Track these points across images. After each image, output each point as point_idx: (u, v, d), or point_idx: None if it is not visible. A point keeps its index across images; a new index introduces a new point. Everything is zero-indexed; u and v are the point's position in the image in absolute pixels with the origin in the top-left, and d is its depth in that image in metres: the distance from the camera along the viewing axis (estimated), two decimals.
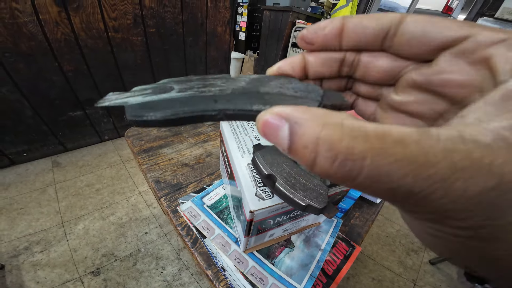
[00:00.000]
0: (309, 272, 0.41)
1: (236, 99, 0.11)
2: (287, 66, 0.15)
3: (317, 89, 0.13)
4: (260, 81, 0.13)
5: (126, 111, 0.10)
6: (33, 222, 1.05)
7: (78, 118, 1.38)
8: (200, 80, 0.13)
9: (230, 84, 0.13)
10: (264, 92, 0.12)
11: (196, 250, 0.42)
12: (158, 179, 0.55)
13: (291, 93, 0.13)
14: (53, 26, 1.06)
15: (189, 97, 0.11)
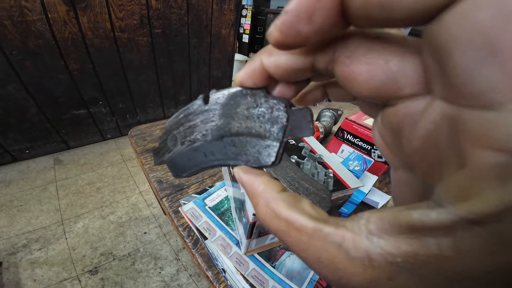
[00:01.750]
0: (310, 276, 0.41)
1: (217, 150, 0.14)
2: (248, 81, 0.12)
3: (281, 116, 0.12)
4: (229, 109, 0.13)
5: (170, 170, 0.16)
6: (32, 219, 1.05)
7: (82, 116, 1.39)
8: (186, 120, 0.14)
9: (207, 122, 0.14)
10: (235, 133, 0.13)
11: (197, 251, 0.42)
12: (160, 179, 0.55)
13: (256, 129, 0.12)
14: (61, 25, 1.08)
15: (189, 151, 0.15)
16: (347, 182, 0.36)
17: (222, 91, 0.13)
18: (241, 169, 0.12)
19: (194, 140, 0.14)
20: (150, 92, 1.60)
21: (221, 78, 2.02)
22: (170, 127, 0.15)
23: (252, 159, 0.13)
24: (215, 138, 0.14)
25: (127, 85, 1.46)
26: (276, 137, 0.12)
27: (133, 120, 1.65)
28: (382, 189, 0.65)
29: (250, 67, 0.12)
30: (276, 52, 0.10)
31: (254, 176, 0.12)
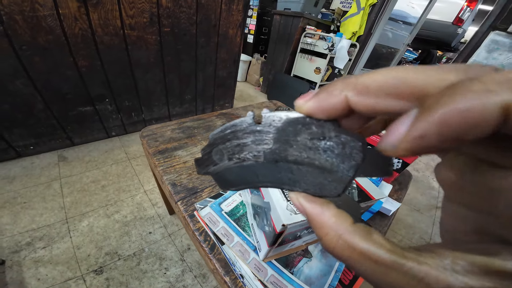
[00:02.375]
0: (328, 282, 0.41)
1: (270, 172, 0.14)
2: (321, 114, 0.11)
3: (355, 155, 0.11)
4: (287, 135, 0.12)
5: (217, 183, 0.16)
6: (36, 217, 1.04)
7: (88, 113, 1.38)
8: (234, 137, 0.14)
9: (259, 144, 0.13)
10: (292, 161, 0.13)
11: (214, 256, 0.42)
12: (175, 182, 0.54)
13: (321, 161, 0.12)
14: (71, 21, 1.07)
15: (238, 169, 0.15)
16: (371, 193, 0.36)
17: (277, 114, 0.13)
18: (302, 196, 0.13)
19: (244, 159, 0.14)
20: (156, 91, 1.59)
21: (226, 78, 2.02)
22: (215, 140, 0.15)
23: (313, 189, 0.13)
24: (268, 161, 0.13)
25: (134, 83, 1.45)
26: (345, 173, 0.11)
27: (138, 118, 1.64)
28: (392, 196, 0.65)
29: (327, 101, 0.11)
30: (375, 91, 0.09)
31: (319, 206, 0.12)
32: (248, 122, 0.14)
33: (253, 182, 0.14)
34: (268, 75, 3.00)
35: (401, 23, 3.11)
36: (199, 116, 0.83)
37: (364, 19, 2.51)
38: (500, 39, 1.95)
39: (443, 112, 0.07)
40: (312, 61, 2.53)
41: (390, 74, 0.09)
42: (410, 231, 1.37)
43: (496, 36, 1.97)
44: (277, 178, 0.13)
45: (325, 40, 2.35)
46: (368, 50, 2.89)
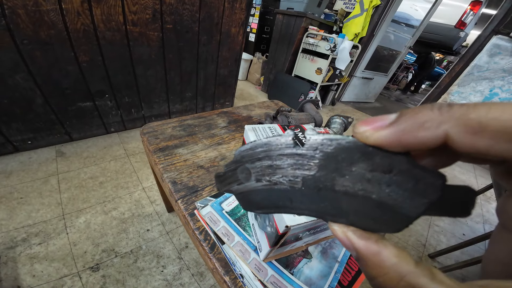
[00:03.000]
0: (328, 283, 0.40)
1: (309, 200, 0.12)
2: (400, 148, 0.09)
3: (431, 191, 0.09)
4: (337, 163, 0.10)
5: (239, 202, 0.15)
6: (33, 212, 1.03)
7: (87, 109, 1.38)
8: (266, 157, 0.12)
9: (298, 168, 0.11)
10: (341, 192, 0.10)
11: (214, 255, 0.41)
12: (175, 180, 0.54)
13: (380, 195, 0.10)
14: (74, 16, 1.06)
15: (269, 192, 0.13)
16: None
17: (326, 136, 0.11)
18: (351, 231, 0.11)
19: (276, 182, 0.12)
20: (157, 87, 1.59)
21: (227, 76, 2.01)
22: (242, 158, 0.14)
23: (365, 223, 0.10)
24: (308, 187, 0.11)
25: (134, 79, 1.44)
26: (412, 210, 0.10)
27: (138, 114, 1.64)
28: None
29: (415, 133, 0.09)
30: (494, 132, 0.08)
31: (375, 244, 0.10)
32: (285, 142, 0.12)
33: (285, 207, 0.13)
34: (269, 74, 2.99)
35: (404, 25, 3.11)
36: (200, 114, 0.83)
37: (367, 21, 2.52)
38: (503, 43, 1.95)
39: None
40: (314, 61, 2.53)
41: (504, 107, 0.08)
42: (406, 234, 1.38)
43: (499, 41, 1.97)
44: (318, 208, 0.12)
45: (327, 40, 2.35)
46: (369, 52, 2.89)
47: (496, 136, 0.07)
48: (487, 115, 0.07)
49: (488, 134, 0.08)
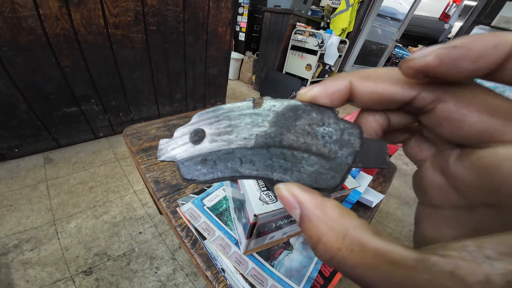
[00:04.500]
0: (308, 274, 0.41)
1: (259, 159, 0.12)
2: (325, 98, 0.12)
3: (353, 141, 0.11)
4: (285, 120, 0.12)
5: (179, 170, 0.13)
6: (23, 219, 1.02)
7: (73, 114, 1.36)
8: (226, 118, 0.13)
9: (254, 125, 0.12)
10: (287, 146, 0.12)
11: (195, 251, 0.42)
12: (157, 179, 0.54)
13: (318, 148, 0.11)
14: (53, 21, 1.05)
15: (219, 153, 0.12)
16: (345, 183, 0.37)
17: (279, 100, 0.12)
18: (297, 186, 0.11)
19: (230, 141, 0.12)
20: (144, 90, 1.57)
21: (217, 76, 2.01)
22: (200, 120, 0.13)
23: (308, 178, 0.11)
24: (259, 145, 0.12)
25: (120, 82, 1.43)
26: (343, 160, 0.11)
27: (127, 118, 1.62)
28: (376, 188, 0.67)
29: (332, 85, 0.11)
30: (374, 78, 0.11)
31: (319, 195, 0.10)
32: (246, 105, 0.13)
33: (233, 171, 0.12)
34: (261, 72, 3.00)
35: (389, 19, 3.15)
36: (186, 114, 0.83)
37: (353, 16, 2.54)
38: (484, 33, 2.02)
39: None
40: (303, 58, 2.54)
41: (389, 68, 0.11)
42: (400, 224, 1.40)
43: (480, 31, 2.02)
44: (266, 166, 0.12)
45: (315, 36, 2.36)
46: (358, 46, 2.92)
47: (376, 80, 0.11)
48: (370, 70, 0.11)
49: (372, 79, 0.11)
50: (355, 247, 0.08)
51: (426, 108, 0.11)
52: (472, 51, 0.08)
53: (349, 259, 0.08)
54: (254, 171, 0.12)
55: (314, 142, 0.11)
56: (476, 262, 0.07)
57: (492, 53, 0.08)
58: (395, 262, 0.08)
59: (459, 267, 0.07)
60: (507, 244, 0.07)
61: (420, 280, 0.07)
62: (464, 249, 0.08)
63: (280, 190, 0.11)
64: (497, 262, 0.07)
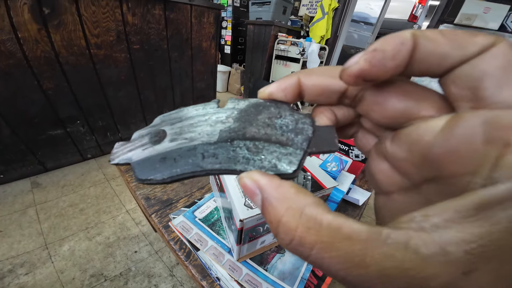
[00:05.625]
0: (300, 275, 0.43)
1: (222, 152, 0.12)
2: (279, 93, 0.13)
3: (306, 129, 0.12)
4: (248, 115, 0.13)
5: (134, 171, 0.12)
6: (15, 244, 1.00)
7: (59, 136, 1.34)
8: (189, 118, 0.13)
9: (217, 123, 0.13)
10: (250, 137, 0.12)
11: (190, 263, 0.43)
12: (148, 196, 0.55)
13: (277, 137, 0.12)
14: (32, 44, 1.05)
15: (180, 150, 0.12)
16: (323, 183, 0.39)
17: (242, 99, 0.14)
18: (258, 172, 0.11)
19: (193, 139, 0.12)
20: (131, 108, 1.57)
21: (205, 89, 2.03)
22: (162, 122, 0.14)
23: (269, 166, 0.12)
24: (223, 139, 0.12)
25: (106, 102, 1.43)
26: (299, 146, 0.12)
27: (115, 137, 1.61)
28: (362, 186, 0.70)
29: (285, 82, 0.13)
30: (316, 74, 0.13)
31: (278, 179, 0.10)
32: (211, 105, 0.14)
33: (195, 166, 0.12)
34: (249, 83, 3.06)
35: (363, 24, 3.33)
36: None
37: (329, 23, 2.67)
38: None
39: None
40: (287, 66, 2.63)
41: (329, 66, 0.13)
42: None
43: (445, 29, 2.17)
44: (229, 158, 0.12)
45: (296, 45, 2.45)
46: (337, 52, 3.04)
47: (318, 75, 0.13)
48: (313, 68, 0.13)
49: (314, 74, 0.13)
50: (311, 224, 0.08)
51: (358, 97, 0.12)
52: (387, 51, 0.09)
53: (307, 238, 0.08)
54: (217, 165, 0.12)
55: (274, 132, 0.12)
56: (426, 231, 0.07)
57: (402, 49, 0.09)
58: (349, 237, 0.08)
59: (412, 238, 0.07)
60: (451, 211, 0.07)
61: (377, 255, 0.07)
62: (413, 220, 0.08)
63: (242, 179, 0.11)
64: (446, 231, 0.07)
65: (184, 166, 0.12)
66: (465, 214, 0.07)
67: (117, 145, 0.13)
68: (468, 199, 0.07)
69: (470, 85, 0.09)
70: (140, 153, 0.12)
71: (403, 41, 0.09)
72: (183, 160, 0.12)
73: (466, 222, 0.07)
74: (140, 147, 0.13)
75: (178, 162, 0.12)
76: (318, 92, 0.13)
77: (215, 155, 0.12)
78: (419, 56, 0.09)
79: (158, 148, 0.12)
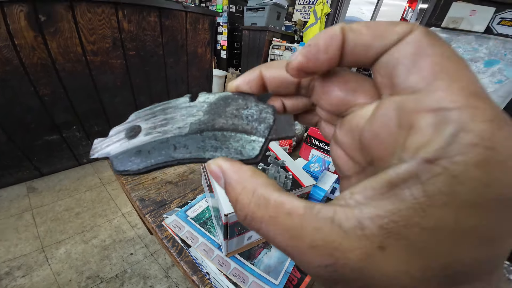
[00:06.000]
0: (284, 269, 0.45)
1: (192, 143, 0.13)
2: (245, 85, 0.14)
3: (268, 118, 0.13)
4: (217, 108, 0.14)
5: (112, 164, 0.13)
6: (11, 247, 1.02)
7: (55, 142, 1.35)
8: (162, 113, 0.14)
9: (189, 116, 0.14)
10: (219, 128, 0.13)
11: (181, 259, 0.46)
12: (143, 198, 0.58)
13: (243, 126, 0.13)
14: (29, 51, 1.07)
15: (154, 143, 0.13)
16: (303, 181, 0.43)
17: (213, 93, 0.15)
18: (223, 159, 0.12)
19: (166, 132, 0.14)
20: (127, 113, 1.50)
21: None
22: (136, 118, 0.15)
23: (234, 152, 0.13)
24: (193, 131, 0.13)
25: (102, 108, 1.45)
26: (262, 134, 0.13)
27: None
28: None
29: (249, 75, 0.14)
30: (275, 67, 0.14)
31: (239, 164, 0.12)
32: (183, 100, 0.14)
33: (167, 156, 0.13)
34: None
35: None
36: None
37: (322, 28, 2.73)
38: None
39: None
40: None
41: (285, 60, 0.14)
42: None
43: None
44: (199, 148, 0.13)
45: (290, 50, 2.51)
46: None
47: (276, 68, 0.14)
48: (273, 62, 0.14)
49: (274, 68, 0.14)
50: (261, 202, 0.09)
51: (310, 87, 0.14)
52: (320, 45, 0.10)
53: (257, 213, 0.09)
54: (187, 154, 0.13)
55: (240, 122, 0.13)
56: (350, 207, 0.08)
57: (332, 43, 0.10)
58: (289, 212, 0.08)
59: (337, 213, 0.08)
60: (370, 188, 0.08)
61: (309, 228, 0.08)
62: (343, 198, 0.09)
63: (209, 165, 0.12)
64: (365, 207, 0.08)
65: (158, 157, 0.13)
66: (379, 191, 0.08)
67: (96, 141, 0.15)
68: (381, 178, 0.08)
69: (388, 73, 0.09)
70: (117, 147, 0.14)
71: (332, 35, 0.10)
72: (156, 152, 0.13)
73: (380, 199, 0.08)
74: (117, 142, 0.14)
75: (152, 153, 0.13)
76: (277, 84, 0.14)
77: (186, 145, 0.13)
78: (348, 48, 0.10)
79: (133, 142, 0.14)
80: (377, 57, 0.10)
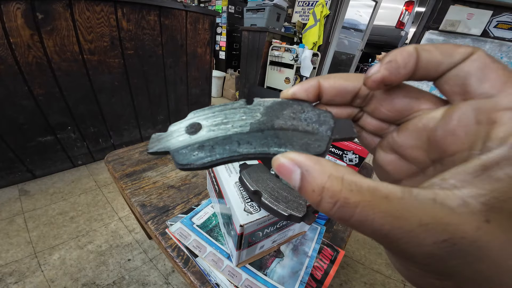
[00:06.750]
0: (299, 279, 0.43)
1: (255, 140, 0.14)
2: (302, 93, 0.15)
3: (328, 120, 0.14)
4: (274, 111, 0.15)
5: (174, 158, 0.13)
6: (2, 253, 0.97)
7: (49, 143, 1.31)
8: (221, 113, 0.15)
9: (248, 116, 0.14)
10: (279, 128, 0.14)
11: (188, 270, 0.43)
12: (144, 203, 0.54)
13: (303, 127, 0.14)
14: (24, 49, 1.03)
15: (217, 139, 0.14)
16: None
17: (267, 99, 0.15)
18: (293, 153, 0.11)
19: (227, 129, 0.14)
20: (124, 114, 1.55)
21: (199, 95, 2.04)
22: (195, 117, 0.15)
23: (300, 149, 0.13)
24: (254, 130, 0.14)
25: (98, 108, 1.41)
26: (325, 134, 0.13)
27: (107, 143, 1.58)
28: None
29: (307, 83, 0.15)
30: (333, 77, 0.15)
31: (314, 156, 0.11)
32: (239, 103, 0.15)
33: (232, 151, 0.13)
34: (243, 88, 3.08)
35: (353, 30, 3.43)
36: None
37: (321, 30, 2.74)
38: (435, 37, 2.22)
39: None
40: (281, 72, 2.67)
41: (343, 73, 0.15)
42: None
43: (431, 35, 2.23)
44: (262, 144, 0.13)
45: (290, 51, 2.50)
46: (329, 58, 3.11)
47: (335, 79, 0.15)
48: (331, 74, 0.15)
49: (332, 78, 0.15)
50: (353, 187, 0.09)
51: (369, 96, 0.15)
52: (400, 61, 0.12)
53: (351, 199, 0.09)
54: (252, 149, 0.13)
55: (299, 123, 0.14)
56: (448, 189, 0.09)
57: (410, 59, 0.12)
58: (386, 196, 0.09)
59: (438, 194, 0.09)
60: (463, 173, 0.09)
61: (411, 208, 0.08)
62: (433, 184, 0.09)
63: (278, 159, 0.11)
64: (464, 188, 0.09)
65: (223, 152, 0.13)
66: (474, 174, 0.09)
67: (154, 136, 0.15)
68: (473, 163, 0.09)
69: (459, 83, 0.11)
70: (178, 142, 0.14)
71: (410, 53, 0.12)
72: (220, 147, 0.13)
73: (477, 181, 0.09)
74: (177, 137, 0.14)
75: (216, 149, 0.13)
76: (335, 93, 0.15)
77: (249, 142, 0.13)
78: (421, 64, 0.12)
79: (195, 138, 0.14)
80: (445, 71, 0.12)
